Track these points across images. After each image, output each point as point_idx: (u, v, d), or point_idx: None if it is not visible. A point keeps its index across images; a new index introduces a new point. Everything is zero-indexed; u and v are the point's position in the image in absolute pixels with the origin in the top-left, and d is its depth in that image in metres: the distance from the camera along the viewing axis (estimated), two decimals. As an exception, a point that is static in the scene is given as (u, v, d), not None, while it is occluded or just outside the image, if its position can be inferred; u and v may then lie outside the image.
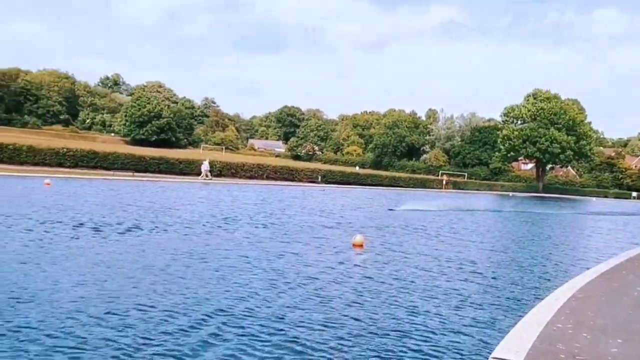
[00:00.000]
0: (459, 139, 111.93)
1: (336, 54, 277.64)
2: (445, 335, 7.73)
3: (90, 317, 7.35)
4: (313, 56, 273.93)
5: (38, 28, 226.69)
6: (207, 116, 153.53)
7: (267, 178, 54.49)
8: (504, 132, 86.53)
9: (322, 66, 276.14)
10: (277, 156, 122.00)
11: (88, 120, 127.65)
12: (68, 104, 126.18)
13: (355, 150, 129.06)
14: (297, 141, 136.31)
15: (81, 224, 15.50)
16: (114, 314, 7.58)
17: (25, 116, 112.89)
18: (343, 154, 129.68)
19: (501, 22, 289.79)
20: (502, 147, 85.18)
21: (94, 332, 6.82)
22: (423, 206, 33.47)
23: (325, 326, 7.72)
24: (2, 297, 7.87)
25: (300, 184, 55.63)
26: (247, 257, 12.50)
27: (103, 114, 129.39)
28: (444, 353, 6.99)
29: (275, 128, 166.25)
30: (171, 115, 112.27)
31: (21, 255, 10.76)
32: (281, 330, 7.42)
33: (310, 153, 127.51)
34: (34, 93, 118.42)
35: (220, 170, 50.54)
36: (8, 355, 5.92)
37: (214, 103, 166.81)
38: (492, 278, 12.28)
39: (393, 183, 67.63)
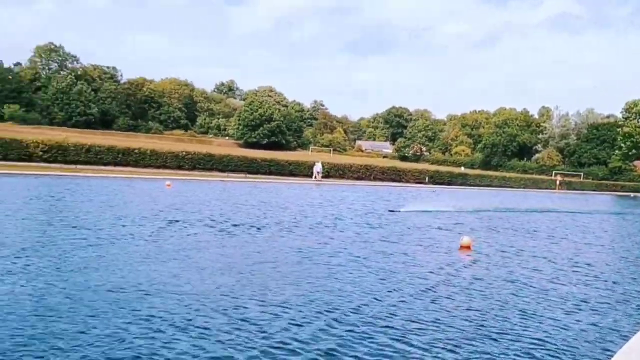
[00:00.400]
0: (575, 137, 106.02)
1: (445, 53, 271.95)
2: (560, 339, 7.47)
3: (210, 309, 7.85)
4: (421, 56, 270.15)
5: (161, 40, 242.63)
6: (315, 119, 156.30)
7: (374, 179, 54.54)
8: (625, 128, 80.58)
9: (430, 66, 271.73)
10: (384, 157, 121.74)
11: (205, 125, 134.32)
12: (187, 109, 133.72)
13: (463, 151, 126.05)
14: (404, 142, 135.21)
15: (200, 222, 16.52)
16: (232, 306, 8.03)
17: (149, 122, 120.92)
18: (451, 154, 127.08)
19: (621, 12, 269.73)
20: (622, 145, 79.40)
21: (215, 322, 7.28)
22: (432, 207, 27.37)
23: (435, 325, 7.73)
24: (131, 290, 8.58)
25: (408, 184, 55.21)
26: (357, 256, 12.72)
27: (218, 118, 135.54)
28: (559, 358, 6.78)
29: (382, 129, 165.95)
30: (281, 119, 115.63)
31: (148, 251, 11.68)
32: (391, 327, 7.52)
33: (417, 154, 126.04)
34: (157, 100, 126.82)
35: (328, 172, 51.30)
36: (138, 342, 6.45)
37: (323, 105, 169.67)
38: (613, 282, 11.63)
39: (503, 184, 65.31)
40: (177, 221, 16.37)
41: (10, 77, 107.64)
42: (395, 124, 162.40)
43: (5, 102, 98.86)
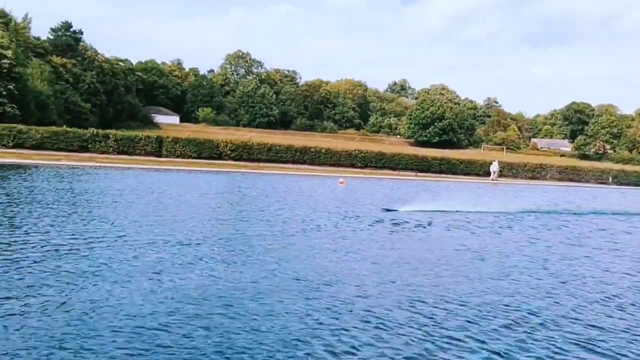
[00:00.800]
0: None
1: (635, 42, 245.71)
2: None
3: (386, 301, 8.20)
4: (607, 46, 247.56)
5: (336, 42, 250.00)
6: (488, 116, 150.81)
7: (550, 178, 51.79)
8: None
9: (617, 57, 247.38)
10: (561, 156, 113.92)
11: (377, 124, 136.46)
12: (360, 109, 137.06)
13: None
14: (585, 139, 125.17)
15: (373, 218, 17.20)
16: (408, 300, 8.31)
17: (324, 122, 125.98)
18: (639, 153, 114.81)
19: None
20: None
21: (392, 314, 7.58)
22: (434, 206, 21.55)
23: (621, 334, 7.38)
24: (314, 279, 9.21)
25: (588, 185, 51.55)
26: (535, 257, 12.44)
27: (390, 117, 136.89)
28: None
29: (561, 126, 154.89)
30: (453, 117, 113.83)
31: (327, 244, 12.52)
32: (571, 332, 7.32)
33: (600, 152, 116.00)
34: (332, 101, 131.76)
35: (501, 170, 49.82)
36: (322, 328, 6.94)
37: (496, 103, 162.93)
38: None
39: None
40: (351, 217, 17.24)
41: (204, 83, 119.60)
42: (576, 120, 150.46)
43: (200, 106, 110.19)
